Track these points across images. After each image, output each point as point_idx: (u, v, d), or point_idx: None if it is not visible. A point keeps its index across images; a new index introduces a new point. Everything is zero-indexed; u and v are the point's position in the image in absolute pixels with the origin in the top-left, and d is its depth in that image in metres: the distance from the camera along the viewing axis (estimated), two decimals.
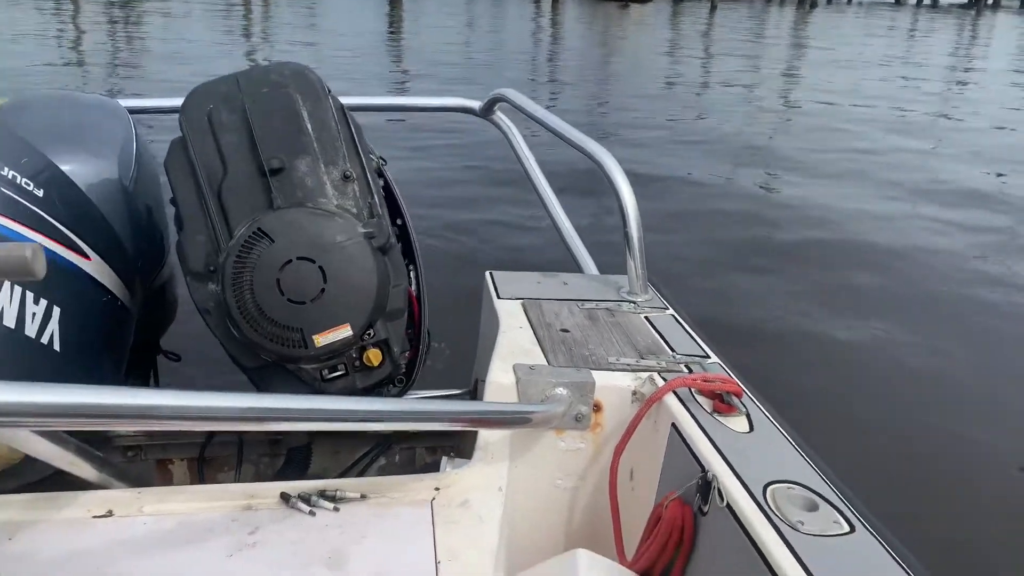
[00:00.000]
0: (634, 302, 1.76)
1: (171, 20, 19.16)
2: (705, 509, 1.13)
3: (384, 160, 1.55)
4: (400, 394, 1.61)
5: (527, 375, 1.40)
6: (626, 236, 1.77)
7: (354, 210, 1.46)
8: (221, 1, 26.41)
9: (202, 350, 2.36)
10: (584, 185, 3.76)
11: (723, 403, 1.29)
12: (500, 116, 2.34)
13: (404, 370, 1.58)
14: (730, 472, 1.11)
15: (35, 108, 1.80)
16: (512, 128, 2.32)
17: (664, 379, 1.38)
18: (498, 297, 1.76)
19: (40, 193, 1.34)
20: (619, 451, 1.35)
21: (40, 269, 0.60)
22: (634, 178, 1.82)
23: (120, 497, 1.23)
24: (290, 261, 1.37)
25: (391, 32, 20.06)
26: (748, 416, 1.27)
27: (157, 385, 2.04)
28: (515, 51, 16.51)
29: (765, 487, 1.08)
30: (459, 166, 6.30)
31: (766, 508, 1.03)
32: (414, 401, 1.55)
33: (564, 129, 1.98)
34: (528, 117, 2.12)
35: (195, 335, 2.26)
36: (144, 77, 10.68)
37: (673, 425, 1.27)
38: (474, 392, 1.92)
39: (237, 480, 1.78)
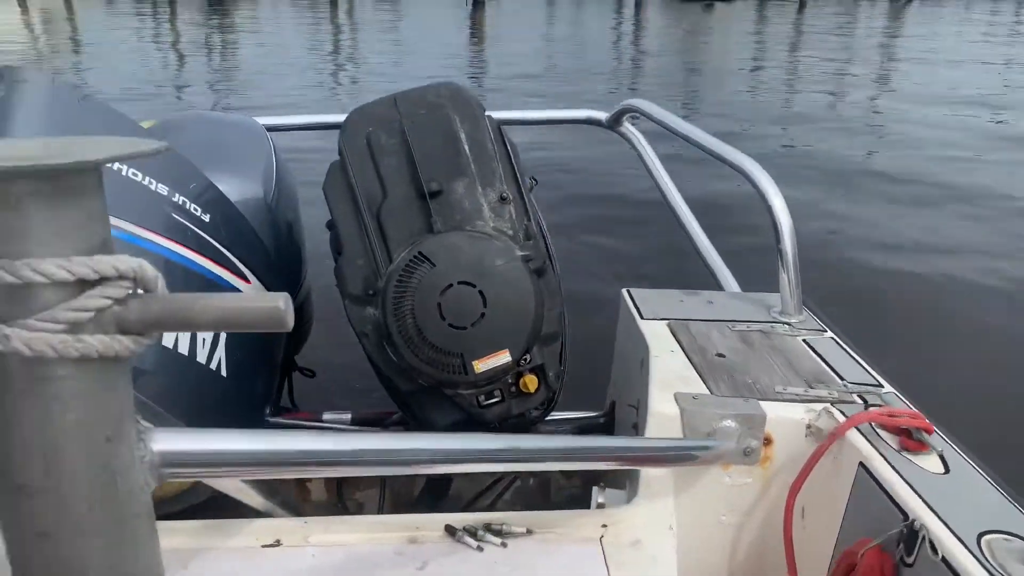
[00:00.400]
0: (788, 323, 1.67)
1: (260, 36, 19.78)
2: (910, 560, 1.05)
3: (535, 180, 1.53)
4: (541, 417, 1.58)
5: (692, 406, 1.35)
6: (779, 252, 1.69)
7: (510, 232, 1.44)
8: (308, 16, 27.18)
9: (333, 366, 2.41)
10: (716, 199, 3.58)
11: (912, 440, 1.21)
12: (629, 128, 2.29)
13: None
14: (938, 520, 1.03)
15: (183, 129, 1.85)
16: (642, 140, 2.27)
17: (841, 411, 1.30)
18: (641, 317, 1.70)
19: (207, 218, 1.37)
20: (795, 489, 1.28)
21: (290, 320, 0.58)
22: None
23: (287, 526, 1.23)
24: (451, 285, 1.36)
25: (473, 41, 20.23)
26: (941, 455, 1.18)
27: (293, 402, 2.07)
28: (600, 58, 16.37)
29: (979, 538, 1.00)
30: (582, 179, 6.10)
31: (986, 562, 0.95)
32: (581, 439, 1.51)
33: (706, 140, 1.91)
34: (664, 128, 2.07)
35: (326, 352, 2.31)
36: (238, 91, 11.04)
37: (861, 464, 1.19)
38: (610, 415, 1.87)
39: (381, 504, 1.78)
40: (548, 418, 1.71)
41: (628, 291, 1.85)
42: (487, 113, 1.51)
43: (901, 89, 12.22)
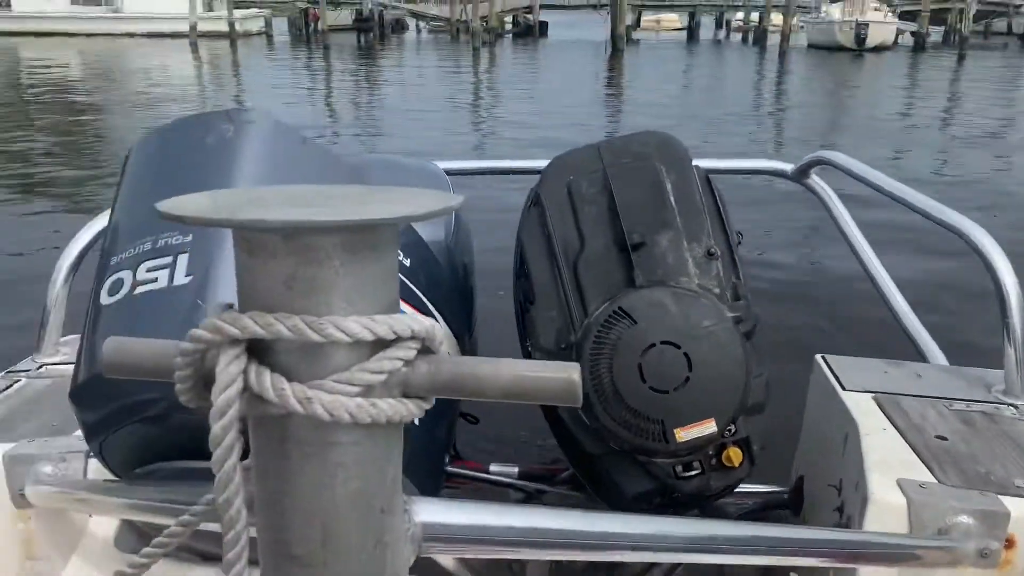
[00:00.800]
0: (1015, 405, 1.49)
1: (405, 84, 20.64)
2: None
3: (741, 235, 1.42)
4: (730, 491, 1.45)
5: (921, 496, 1.20)
6: (1005, 325, 1.52)
7: (717, 290, 1.34)
8: (450, 63, 28.23)
9: (493, 415, 2.37)
10: (917, 262, 3.25)
11: None
12: (817, 181, 2.15)
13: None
14: None
15: (369, 173, 1.87)
16: (832, 195, 2.12)
17: None
18: (843, 388, 1.55)
19: (407, 262, 1.35)
20: None
21: (581, 394, 0.51)
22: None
23: None
24: (653, 345, 1.27)
25: (609, 86, 20.32)
26: None
27: (456, 450, 2.03)
28: (739, 107, 16.01)
29: None
30: (760, 233, 5.69)
31: None
32: (794, 529, 1.38)
33: (916, 199, 1.75)
34: (863, 183, 1.91)
35: (489, 401, 2.26)
36: (390, 134, 11.51)
37: None
38: (797, 492, 1.71)
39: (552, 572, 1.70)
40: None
41: (823, 357, 1.71)
42: (696, 163, 1.43)
43: None
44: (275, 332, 0.48)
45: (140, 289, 1.01)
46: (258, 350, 0.51)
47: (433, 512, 0.66)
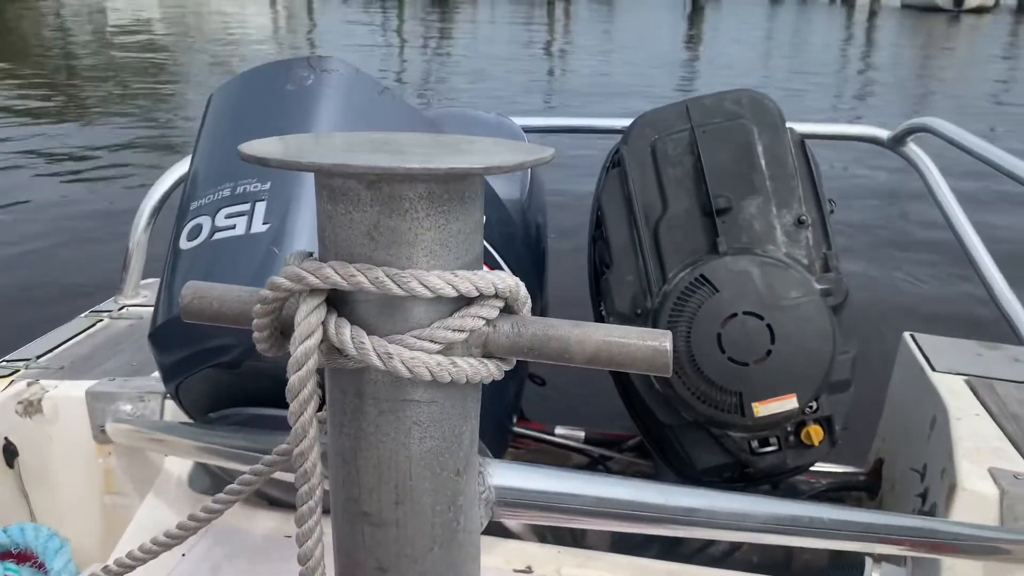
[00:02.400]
0: None
1: (478, 38, 20.41)
2: None
3: (834, 203, 1.35)
4: (805, 468, 1.39)
5: (1015, 487, 1.13)
6: None
7: (805, 261, 1.27)
8: (522, 18, 27.76)
9: (561, 378, 2.34)
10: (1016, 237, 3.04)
11: None
12: (915, 149, 2.02)
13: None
14: None
15: (447, 126, 1.84)
16: (930, 164, 1.99)
17: None
18: (933, 369, 1.47)
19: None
20: None
21: (671, 363, 0.47)
22: None
23: (540, 554, 1.16)
24: (735, 315, 1.22)
25: (690, 47, 19.69)
26: None
27: (521, 410, 2.01)
28: (822, 69, 15.31)
29: None
30: (852, 202, 5.27)
31: None
32: (874, 514, 1.32)
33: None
34: (967, 153, 1.79)
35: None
36: (464, 88, 11.42)
37: None
38: (876, 474, 1.65)
39: (612, 539, 1.68)
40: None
41: (912, 336, 1.62)
42: (789, 125, 1.35)
43: None
44: (357, 283, 0.46)
45: (218, 235, 1.01)
46: (338, 302, 0.48)
47: (508, 476, 0.64)
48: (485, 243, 1.35)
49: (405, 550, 0.53)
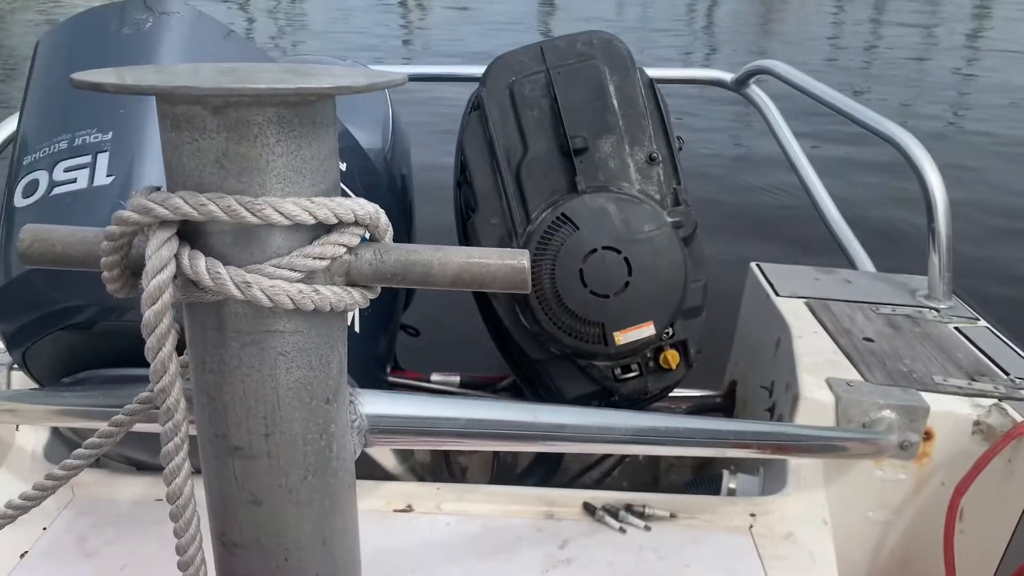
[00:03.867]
0: (936, 309, 1.56)
1: None
2: None
3: (682, 140, 1.42)
4: (664, 395, 1.49)
5: (847, 393, 1.25)
6: (931, 232, 1.57)
7: (657, 196, 1.34)
8: None
9: (436, 328, 2.35)
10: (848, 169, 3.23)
11: None
12: (756, 91, 2.15)
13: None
14: None
15: None
16: (770, 104, 2.12)
17: (1012, 408, 1.19)
18: (776, 294, 1.59)
19: (343, 166, 1.30)
20: (961, 491, 1.18)
21: (529, 280, 0.50)
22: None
23: (419, 492, 1.19)
24: (595, 251, 1.27)
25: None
26: None
27: (397, 361, 2.02)
28: (672, 20, 15.74)
29: None
30: (698, 143, 5.40)
31: None
32: (728, 422, 1.42)
33: (850, 107, 1.77)
34: (802, 92, 1.92)
35: (430, 312, 2.25)
36: (308, 40, 10.97)
37: None
38: (730, 395, 1.78)
39: (492, 472, 1.73)
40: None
41: (758, 265, 1.74)
42: (638, 67, 1.40)
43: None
44: (208, 212, 0.45)
45: (57, 190, 0.95)
46: (190, 234, 0.47)
47: (379, 404, 0.65)
48: (349, 192, 1.34)
49: (278, 480, 0.53)
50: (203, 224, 0.47)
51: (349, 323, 1.24)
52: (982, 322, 1.53)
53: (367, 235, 0.52)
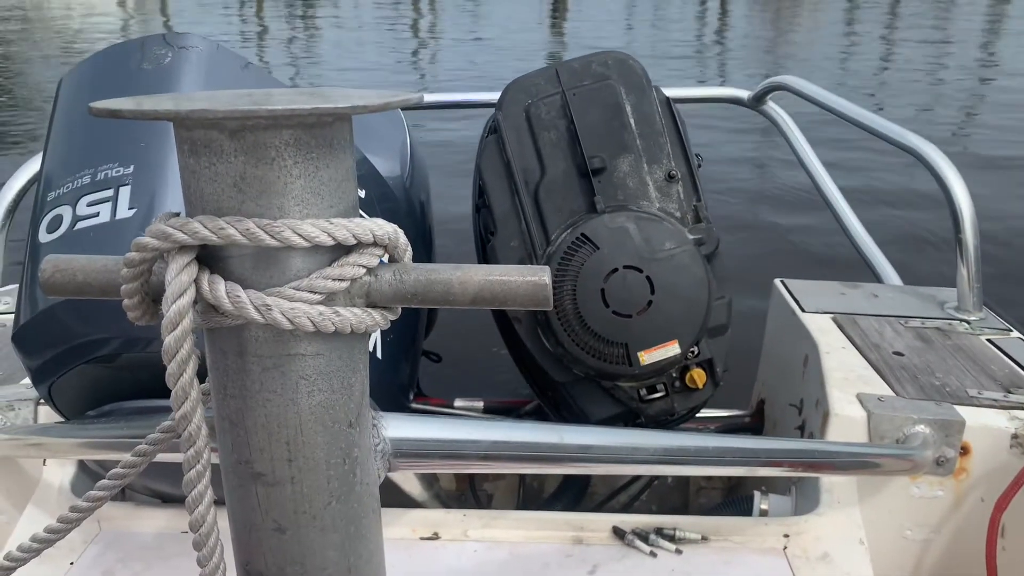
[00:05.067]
0: (967, 321, 1.53)
1: (342, 24, 19.86)
2: None
3: (701, 158, 1.41)
4: (691, 415, 1.47)
5: (879, 408, 1.23)
6: (959, 243, 1.54)
7: (678, 213, 1.33)
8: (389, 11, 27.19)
9: (458, 353, 2.34)
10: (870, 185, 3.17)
11: None
12: (773, 107, 2.14)
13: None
14: None
15: None
16: (788, 120, 2.11)
17: None
18: (802, 311, 1.57)
19: (363, 193, 1.30)
20: (1001, 506, 1.14)
21: (551, 297, 0.49)
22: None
23: (445, 519, 1.17)
24: (616, 270, 1.26)
25: (554, 30, 19.84)
26: None
27: (419, 388, 2.01)
28: (686, 42, 15.81)
29: None
30: (718, 160, 5.31)
31: None
32: (758, 440, 1.40)
33: (872, 121, 1.76)
34: (820, 107, 1.91)
35: (452, 337, 2.24)
36: (333, 68, 11.11)
37: None
38: (758, 414, 1.75)
39: (519, 498, 1.71)
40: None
41: (783, 282, 1.72)
42: (655, 86, 1.40)
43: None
44: (227, 236, 0.44)
45: (81, 224, 0.96)
46: (209, 259, 0.47)
47: (402, 427, 0.64)
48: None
49: (302, 507, 0.52)
50: (222, 248, 0.46)
51: (371, 348, 1.23)
52: (1015, 333, 1.50)
53: (386, 257, 0.51)
